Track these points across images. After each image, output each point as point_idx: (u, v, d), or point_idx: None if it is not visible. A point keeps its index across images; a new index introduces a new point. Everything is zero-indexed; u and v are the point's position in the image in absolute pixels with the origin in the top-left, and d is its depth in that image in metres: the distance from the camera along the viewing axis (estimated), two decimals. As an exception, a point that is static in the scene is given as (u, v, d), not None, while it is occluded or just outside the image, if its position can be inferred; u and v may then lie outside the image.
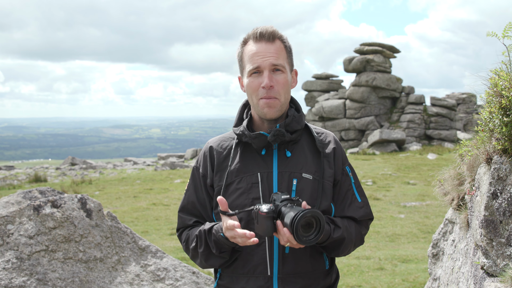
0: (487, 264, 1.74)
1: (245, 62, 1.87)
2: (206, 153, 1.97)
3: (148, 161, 28.69)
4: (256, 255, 1.83)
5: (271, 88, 1.81)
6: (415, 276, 5.86)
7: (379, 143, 25.31)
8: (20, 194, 3.17)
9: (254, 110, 1.92)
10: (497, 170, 1.69)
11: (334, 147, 1.96)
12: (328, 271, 1.93)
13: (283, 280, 1.82)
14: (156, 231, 8.69)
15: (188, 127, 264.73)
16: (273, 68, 1.83)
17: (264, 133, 1.85)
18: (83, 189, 14.60)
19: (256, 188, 1.84)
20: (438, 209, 9.83)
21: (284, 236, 1.64)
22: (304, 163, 1.88)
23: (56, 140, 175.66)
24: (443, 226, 2.68)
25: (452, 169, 2.29)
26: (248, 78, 1.86)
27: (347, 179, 1.95)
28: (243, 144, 1.92)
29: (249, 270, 1.84)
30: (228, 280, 1.89)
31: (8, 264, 2.75)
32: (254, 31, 1.86)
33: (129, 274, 3.08)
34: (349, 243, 1.88)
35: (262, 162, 1.87)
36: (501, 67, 1.81)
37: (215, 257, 1.84)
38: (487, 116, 1.79)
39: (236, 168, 1.88)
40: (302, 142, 1.94)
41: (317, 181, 1.87)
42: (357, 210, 1.93)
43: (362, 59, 30.44)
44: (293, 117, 1.89)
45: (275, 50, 1.83)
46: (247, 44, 1.88)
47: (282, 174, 1.85)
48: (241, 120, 1.98)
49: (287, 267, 1.82)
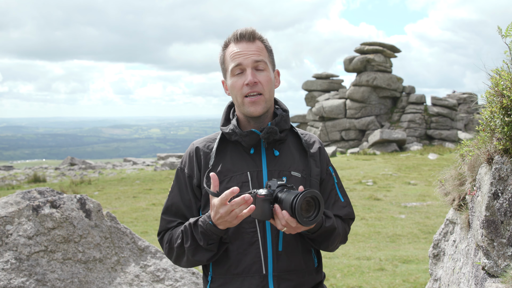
0: (488, 265, 1.73)
1: (227, 64, 1.89)
2: (192, 153, 1.97)
3: (147, 161, 28.68)
4: (249, 254, 1.83)
5: (255, 84, 1.83)
6: (416, 276, 5.85)
7: (380, 143, 25.31)
8: (19, 194, 3.16)
9: (239, 110, 1.93)
10: (498, 170, 1.68)
11: (319, 147, 2.01)
12: (317, 269, 1.96)
13: (278, 278, 1.82)
14: (156, 231, 8.68)
15: (187, 127, 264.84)
16: (256, 66, 1.85)
17: (256, 131, 1.86)
18: (82, 189, 14.60)
19: (246, 187, 1.85)
20: (439, 209, 9.83)
21: (282, 219, 1.66)
22: (292, 162, 1.91)
23: (55, 140, 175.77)
24: (444, 227, 2.67)
25: (453, 169, 2.29)
26: (232, 78, 1.87)
27: (330, 179, 2.00)
28: (231, 143, 1.93)
29: (244, 270, 1.83)
30: (221, 282, 1.87)
31: (7, 264, 2.75)
32: (234, 33, 1.89)
33: (128, 275, 3.07)
34: (337, 236, 1.91)
35: (251, 161, 1.89)
36: (502, 66, 1.80)
37: (203, 250, 1.81)
38: (488, 116, 1.78)
39: (225, 168, 1.88)
40: (288, 142, 1.97)
41: (305, 179, 1.90)
42: (341, 209, 1.98)
43: (363, 59, 30.45)
44: (282, 116, 1.92)
45: (256, 48, 1.86)
46: (228, 46, 1.90)
47: (271, 173, 1.87)
48: (228, 120, 1.99)
49: (281, 264, 1.83)
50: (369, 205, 10.77)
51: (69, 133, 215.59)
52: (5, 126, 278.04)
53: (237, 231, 1.84)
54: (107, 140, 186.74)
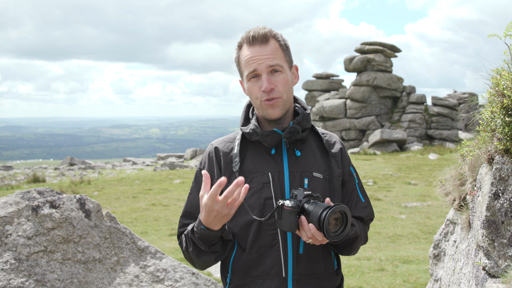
0: (489, 265, 1.73)
1: (242, 67, 1.86)
2: (211, 154, 1.93)
3: (147, 161, 28.67)
4: (270, 256, 1.80)
5: (272, 90, 1.80)
6: (416, 277, 5.85)
7: (380, 143, 25.30)
8: (19, 194, 3.15)
9: (258, 111, 1.90)
10: (499, 170, 1.68)
11: (340, 147, 1.97)
12: (337, 272, 1.93)
13: (298, 282, 1.80)
14: (156, 231, 8.66)
15: (187, 127, 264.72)
16: (271, 70, 1.80)
17: (277, 130, 1.83)
18: (81, 190, 14.58)
19: (268, 188, 1.81)
20: (439, 209, 9.82)
21: (308, 232, 1.63)
22: (313, 163, 1.87)
23: (55, 140, 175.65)
24: (444, 227, 2.67)
25: (454, 169, 2.28)
26: (248, 83, 1.84)
27: (352, 180, 1.97)
28: (251, 143, 1.90)
29: (263, 272, 1.80)
30: (240, 283, 1.84)
31: (6, 265, 2.74)
32: (246, 34, 1.83)
33: (128, 275, 3.06)
34: (360, 241, 1.90)
35: (272, 161, 1.85)
36: (502, 66, 1.80)
37: (206, 253, 1.79)
38: (489, 116, 1.77)
39: (247, 168, 1.85)
40: (309, 141, 1.93)
41: (327, 180, 1.86)
42: (362, 210, 1.95)
43: (363, 59, 30.43)
44: (304, 115, 1.88)
45: (270, 51, 1.80)
46: (242, 48, 1.85)
47: (293, 174, 1.83)
48: (248, 119, 1.95)
49: (301, 268, 1.80)
50: (369, 205, 10.77)
51: (68, 133, 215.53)
52: (4, 126, 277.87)
53: (257, 233, 1.81)
54: (107, 140, 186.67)
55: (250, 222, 1.81)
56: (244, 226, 1.83)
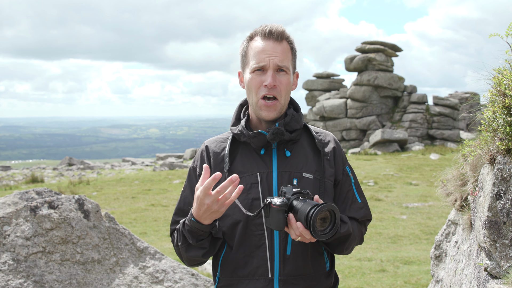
0: (491, 266, 1.71)
1: (249, 58, 1.85)
2: (203, 153, 1.95)
3: (146, 161, 28.66)
4: (256, 257, 1.81)
5: (274, 88, 1.80)
6: (418, 278, 5.83)
7: (381, 143, 25.28)
8: (17, 194, 3.14)
9: (252, 109, 1.90)
10: (500, 171, 1.67)
11: (334, 147, 1.95)
12: (329, 273, 1.91)
13: (285, 282, 1.80)
14: (155, 232, 8.65)
15: (187, 126, 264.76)
16: (278, 68, 1.81)
17: (263, 132, 1.83)
18: (80, 190, 14.57)
19: (256, 188, 1.82)
20: (441, 210, 9.81)
21: (296, 230, 1.63)
22: (304, 163, 1.87)
23: (53, 140, 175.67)
24: (445, 227, 2.65)
25: (455, 170, 2.27)
26: (251, 74, 1.83)
27: (347, 180, 1.95)
28: (242, 144, 1.91)
29: (250, 272, 1.81)
30: (227, 283, 1.86)
31: (5, 266, 2.73)
32: (263, 28, 1.83)
33: (127, 276, 3.05)
34: (353, 240, 1.87)
35: (261, 162, 1.85)
36: (504, 66, 1.79)
37: (194, 248, 1.79)
38: (491, 116, 1.76)
39: (236, 169, 1.86)
40: (301, 141, 1.92)
41: (318, 180, 1.85)
42: (357, 210, 1.93)
43: (364, 58, 30.40)
44: (292, 116, 1.88)
45: (282, 50, 1.81)
46: (254, 39, 1.85)
47: (282, 174, 1.83)
48: (239, 120, 1.96)
49: (288, 269, 1.80)
50: (370, 206, 10.72)
51: (67, 133, 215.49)
52: (2, 126, 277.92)
53: (244, 233, 1.82)
54: (106, 140, 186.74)
55: (237, 221, 1.82)
56: (232, 226, 1.84)
